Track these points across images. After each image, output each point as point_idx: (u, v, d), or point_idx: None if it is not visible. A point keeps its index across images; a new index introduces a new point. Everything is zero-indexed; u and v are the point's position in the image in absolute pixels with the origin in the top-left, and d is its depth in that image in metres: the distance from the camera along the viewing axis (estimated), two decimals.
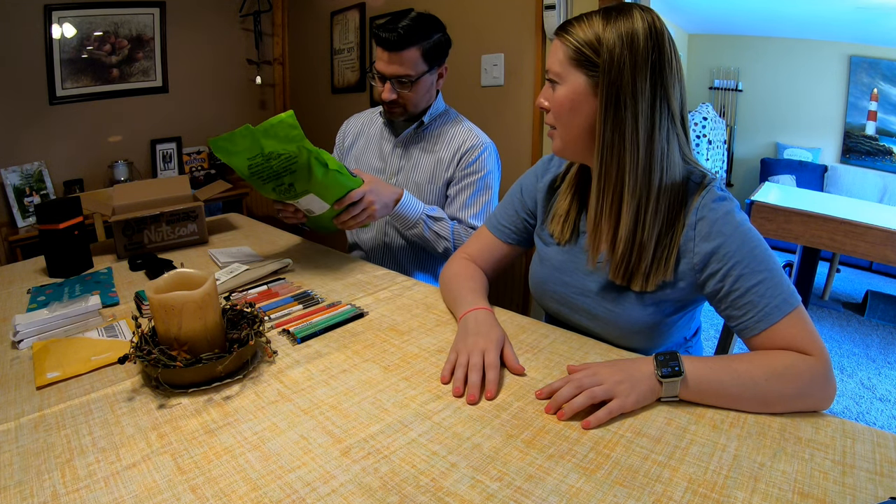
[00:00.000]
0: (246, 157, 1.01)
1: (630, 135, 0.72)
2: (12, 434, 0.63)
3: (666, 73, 0.72)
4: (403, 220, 1.23)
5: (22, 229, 2.37)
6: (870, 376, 2.31)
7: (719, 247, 0.72)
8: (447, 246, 1.26)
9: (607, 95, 0.72)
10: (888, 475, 0.55)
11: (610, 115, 0.73)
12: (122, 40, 2.62)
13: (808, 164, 4.03)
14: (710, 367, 0.67)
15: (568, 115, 0.77)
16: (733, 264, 0.71)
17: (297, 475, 0.56)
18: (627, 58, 0.70)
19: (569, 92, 0.76)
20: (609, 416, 0.63)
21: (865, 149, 3.86)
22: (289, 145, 0.99)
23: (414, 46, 1.22)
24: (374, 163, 1.42)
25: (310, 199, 1.10)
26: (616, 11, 0.73)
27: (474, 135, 1.34)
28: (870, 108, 3.78)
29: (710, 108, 3.79)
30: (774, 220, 2.48)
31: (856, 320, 2.88)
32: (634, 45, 0.70)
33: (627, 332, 0.83)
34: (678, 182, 0.76)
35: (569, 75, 0.75)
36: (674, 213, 0.76)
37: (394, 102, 1.29)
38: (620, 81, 0.71)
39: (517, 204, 0.99)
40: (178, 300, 0.70)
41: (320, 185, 1.07)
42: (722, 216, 0.73)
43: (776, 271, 0.70)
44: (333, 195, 1.10)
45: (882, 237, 2.24)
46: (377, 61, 1.26)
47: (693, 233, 0.75)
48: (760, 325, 0.70)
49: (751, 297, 0.70)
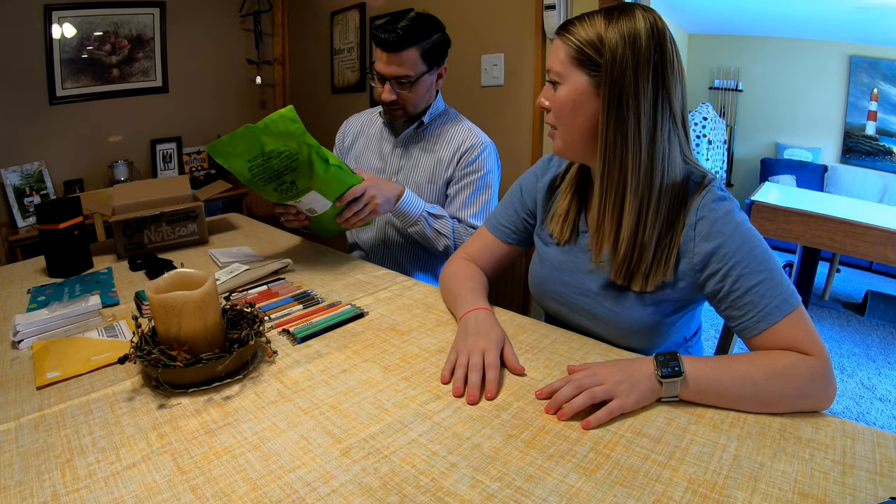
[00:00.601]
0: (246, 160, 1.00)
1: (633, 135, 0.72)
2: (12, 434, 0.63)
3: (668, 73, 0.72)
4: (405, 217, 1.23)
5: (22, 229, 2.37)
6: (870, 376, 2.31)
7: (719, 247, 0.72)
8: (447, 244, 1.26)
9: (610, 95, 0.72)
10: (888, 475, 0.55)
11: (612, 115, 0.73)
12: (122, 40, 2.62)
13: (808, 164, 4.03)
14: (710, 368, 0.67)
15: (569, 116, 0.77)
16: (733, 264, 0.71)
17: (297, 475, 0.56)
18: (630, 58, 0.70)
19: (570, 92, 0.75)
20: (609, 416, 0.63)
21: (865, 149, 3.86)
22: (289, 141, 0.99)
23: (413, 47, 1.22)
24: (373, 163, 1.42)
25: (312, 197, 1.10)
26: (618, 11, 0.73)
27: (474, 134, 1.34)
28: (870, 108, 3.78)
29: (710, 108, 3.79)
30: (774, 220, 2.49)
31: (856, 320, 2.88)
32: (637, 45, 0.70)
33: (627, 331, 0.83)
34: (678, 182, 0.76)
35: (570, 75, 0.75)
36: (674, 214, 0.76)
37: (394, 103, 1.29)
38: (623, 81, 0.71)
39: (517, 204, 0.99)
40: (178, 300, 0.70)
41: (322, 181, 1.06)
42: (722, 216, 0.73)
43: (776, 271, 0.70)
44: (335, 191, 1.10)
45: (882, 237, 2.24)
46: (377, 62, 1.26)
47: (693, 233, 0.75)
48: (761, 325, 0.70)
49: (751, 297, 0.70)
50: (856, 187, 3.80)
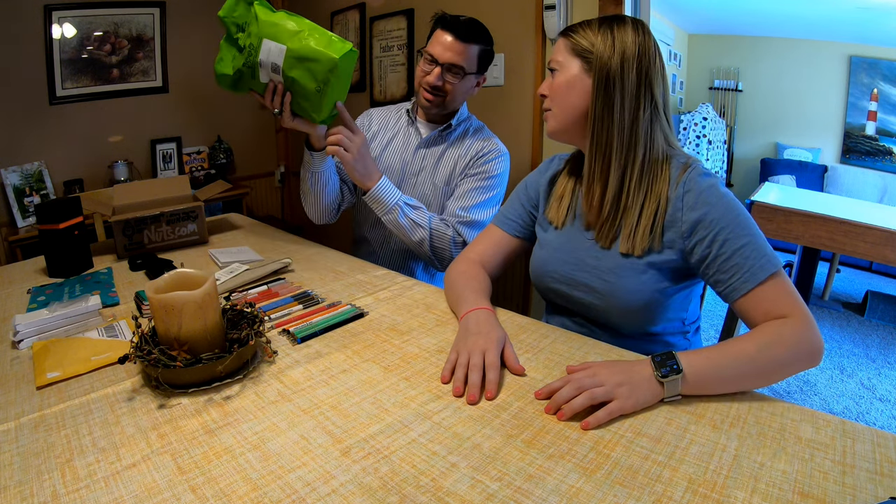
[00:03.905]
0: (231, 61, 1.17)
1: (618, 111, 0.83)
2: (12, 434, 0.63)
3: (651, 70, 0.82)
4: (380, 205, 1.24)
5: (22, 229, 2.37)
6: (870, 376, 2.31)
7: (705, 214, 0.79)
8: (423, 236, 1.26)
9: (598, 78, 0.83)
10: (888, 475, 0.55)
11: (601, 93, 0.83)
12: (122, 40, 2.62)
13: (808, 165, 4.03)
14: (706, 356, 0.69)
15: (564, 95, 0.87)
16: (719, 230, 0.78)
17: (297, 475, 0.56)
18: (617, 51, 0.82)
19: (567, 76, 0.87)
20: (609, 416, 0.64)
21: (865, 149, 3.86)
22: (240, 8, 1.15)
23: (476, 44, 1.28)
24: (393, 161, 1.42)
25: (266, 47, 1.11)
26: (615, 21, 0.85)
27: (493, 142, 1.38)
28: (870, 109, 3.78)
29: (710, 108, 3.80)
30: (774, 220, 2.49)
31: (856, 320, 2.88)
32: (625, 44, 0.82)
33: (626, 303, 0.86)
34: (660, 160, 0.85)
35: (568, 62, 0.87)
36: (658, 187, 0.84)
37: (437, 89, 1.30)
38: (610, 67, 0.82)
39: (523, 198, 1.05)
40: (178, 300, 0.70)
41: (266, 24, 1.10)
42: (707, 188, 0.80)
43: (759, 236, 0.77)
44: (283, 32, 1.11)
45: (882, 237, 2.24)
46: (434, 45, 1.28)
47: (681, 203, 0.81)
48: (746, 285, 0.75)
49: (736, 259, 0.76)
50: (856, 187, 3.81)
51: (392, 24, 2.43)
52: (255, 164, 3.23)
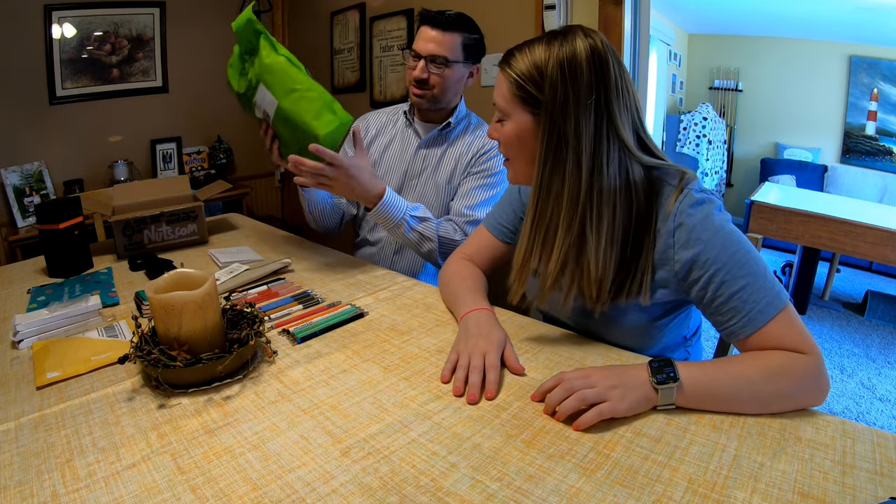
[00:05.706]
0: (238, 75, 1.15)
1: (570, 174, 0.72)
2: (12, 434, 0.63)
3: (612, 98, 0.71)
4: (385, 221, 1.20)
5: (22, 229, 2.37)
6: (870, 376, 2.31)
7: (699, 254, 0.72)
8: (431, 247, 1.25)
9: (548, 138, 0.73)
10: (888, 475, 0.55)
11: (550, 156, 0.73)
12: (122, 40, 2.62)
13: (808, 165, 4.03)
14: (705, 371, 0.66)
15: (517, 150, 0.79)
16: (714, 271, 0.71)
17: (297, 475, 0.56)
18: (570, 91, 0.70)
19: (515, 129, 0.77)
20: (598, 417, 0.62)
21: (865, 149, 3.86)
22: (248, 34, 1.11)
23: (457, 32, 1.27)
24: (394, 163, 1.41)
25: (261, 92, 1.09)
26: (560, 35, 0.73)
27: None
28: (870, 109, 3.78)
29: (710, 108, 3.80)
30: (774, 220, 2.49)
31: (856, 320, 2.87)
32: (576, 74, 0.70)
33: (622, 336, 0.84)
34: (643, 202, 0.75)
35: (514, 112, 0.77)
36: (640, 233, 0.75)
37: (423, 82, 1.29)
38: (563, 120, 0.71)
39: (515, 203, 0.99)
40: (178, 300, 0.70)
41: (265, 69, 1.08)
42: (699, 221, 0.72)
43: (758, 274, 0.70)
44: (280, 84, 1.08)
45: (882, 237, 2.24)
46: (417, 41, 1.29)
47: (672, 240, 0.74)
48: (746, 329, 0.69)
49: (734, 303, 0.70)
50: (856, 187, 3.81)
51: (392, 24, 2.43)
52: (255, 164, 3.24)
